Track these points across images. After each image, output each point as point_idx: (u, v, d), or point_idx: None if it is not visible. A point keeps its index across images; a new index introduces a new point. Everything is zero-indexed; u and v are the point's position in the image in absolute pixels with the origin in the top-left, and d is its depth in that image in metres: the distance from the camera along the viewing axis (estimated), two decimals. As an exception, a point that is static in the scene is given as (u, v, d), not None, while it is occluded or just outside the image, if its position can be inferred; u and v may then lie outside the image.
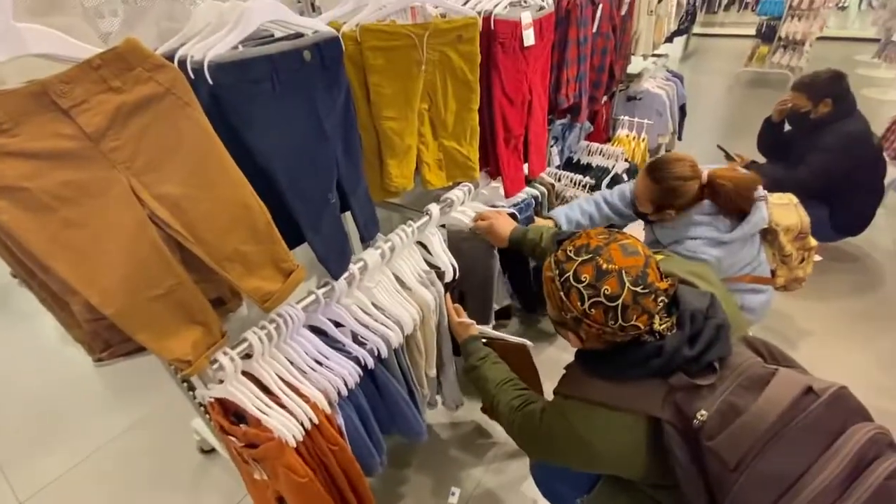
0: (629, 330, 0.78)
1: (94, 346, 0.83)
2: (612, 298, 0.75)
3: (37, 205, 0.61)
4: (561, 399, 0.91)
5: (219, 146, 0.75)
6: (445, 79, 1.22)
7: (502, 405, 1.06)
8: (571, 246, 0.82)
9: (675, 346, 0.77)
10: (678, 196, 1.37)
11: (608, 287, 0.75)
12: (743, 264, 1.46)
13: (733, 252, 1.41)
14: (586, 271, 0.77)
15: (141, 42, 0.63)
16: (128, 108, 0.65)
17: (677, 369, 0.77)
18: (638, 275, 0.75)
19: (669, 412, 0.77)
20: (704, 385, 0.76)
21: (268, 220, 0.86)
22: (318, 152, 0.99)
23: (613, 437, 0.82)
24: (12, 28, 0.55)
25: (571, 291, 0.79)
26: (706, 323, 0.79)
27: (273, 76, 0.86)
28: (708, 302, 0.83)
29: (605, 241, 0.79)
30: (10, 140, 0.58)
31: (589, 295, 0.77)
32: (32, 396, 2.03)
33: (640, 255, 0.77)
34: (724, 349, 0.79)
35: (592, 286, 0.77)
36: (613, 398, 0.81)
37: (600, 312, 0.77)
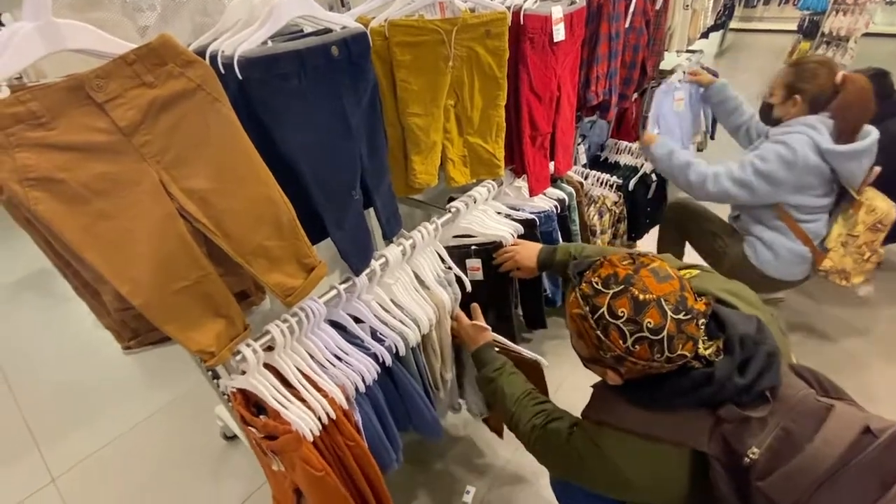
0: (676, 360, 0.72)
1: (122, 334, 0.85)
2: (656, 332, 0.69)
3: (71, 196, 0.63)
4: (593, 425, 0.85)
5: (246, 142, 0.76)
6: (473, 75, 1.21)
7: (522, 423, 1.00)
8: (597, 277, 0.75)
9: (726, 374, 0.72)
10: (809, 79, 1.48)
11: (650, 320, 0.69)
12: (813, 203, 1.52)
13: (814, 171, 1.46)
14: (622, 305, 0.71)
15: (174, 38, 0.64)
16: (160, 103, 0.66)
17: (727, 399, 0.72)
18: (678, 301, 0.70)
19: (717, 447, 0.72)
20: (755, 418, 0.71)
21: (292, 216, 0.87)
22: (343, 148, 0.99)
23: (651, 470, 0.77)
24: (52, 24, 0.57)
25: (610, 329, 0.72)
26: (757, 349, 0.74)
27: (301, 71, 0.86)
28: (755, 325, 0.77)
29: (633, 268, 0.73)
30: (47, 133, 0.60)
31: (630, 331, 0.71)
32: (70, 377, 2.11)
33: (674, 279, 0.72)
34: (776, 378, 0.73)
35: (633, 321, 0.70)
36: (654, 428, 0.76)
37: (645, 348, 0.71)
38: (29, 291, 2.68)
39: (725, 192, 1.57)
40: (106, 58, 0.62)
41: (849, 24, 4.68)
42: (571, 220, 1.74)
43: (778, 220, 1.59)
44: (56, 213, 0.62)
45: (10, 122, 0.57)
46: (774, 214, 1.59)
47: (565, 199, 1.66)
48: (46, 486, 1.68)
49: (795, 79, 1.51)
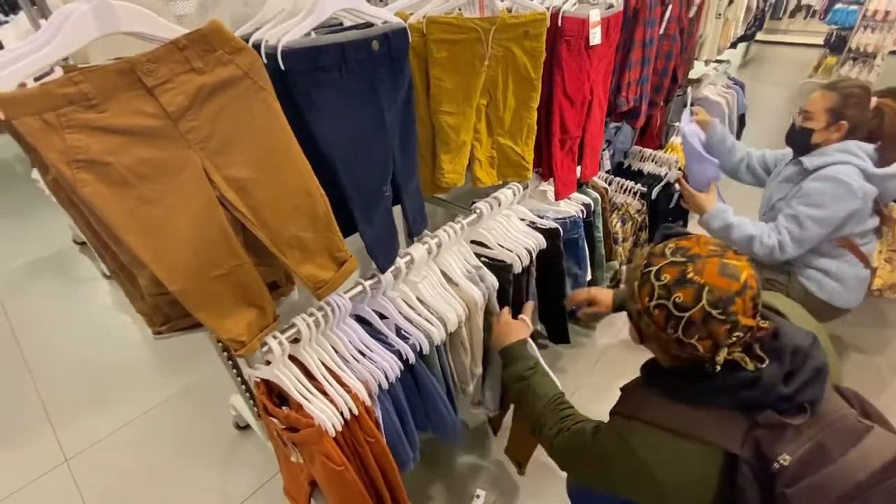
0: (686, 347, 0.73)
1: (154, 319, 0.85)
2: (680, 308, 0.71)
3: (117, 179, 0.63)
4: (621, 420, 0.84)
5: (288, 132, 0.75)
6: (507, 75, 1.19)
7: (548, 427, 0.99)
8: (674, 244, 0.77)
9: (772, 380, 0.71)
10: (854, 104, 1.43)
11: (681, 296, 0.71)
12: (865, 226, 1.49)
13: (870, 198, 1.43)
14: (670, 273, 0.73)
15: (224, 24, 0.64)
16: (207, 89, 0.65)
17: (767, 406, 0.71)
18: (721, 298, 0.69)
19: (748, 450, 0.71)
20: (792, 426, 0.70)
21: (327, 209, 0.86)
22: (378, 143, 0.99)
23: (680, 468, 0.76)
24: (106, 5, 0.57)
25: (645, 285, 0.75)
26: (806, 362, 0.73)
27: (342, 65, 0.86)
28: (811, 341, 0.76)
29: (709, 252, 0.73)
30: (98, 115, 0.60)
31: (659, 295, 0.73)
32: (86, 359, 2.13)
33: (738, 282, 0.70)
34: (818, 393, 0.72)
35: (667, 288, 0.72)
36: (687, 425, 0.75)
37: (662, 316, 0.73)
38: (47, 272, 2.71)
39: (793, 255, 1.51)
40: (157, 42, 0.62)
41: (876, 41, 4.60)
42: (595, 226, 1.72)
43: (840, 247, 1.54)
44: (101, 196, 0.62)
45: (62, 103, 0.57)
46: (836, 243, 1.53)
47: (591, 204, 1.64)
48: (59, 467, 1.69)
49: (842, 104, 1.44)
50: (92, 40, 0.57)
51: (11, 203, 3.40)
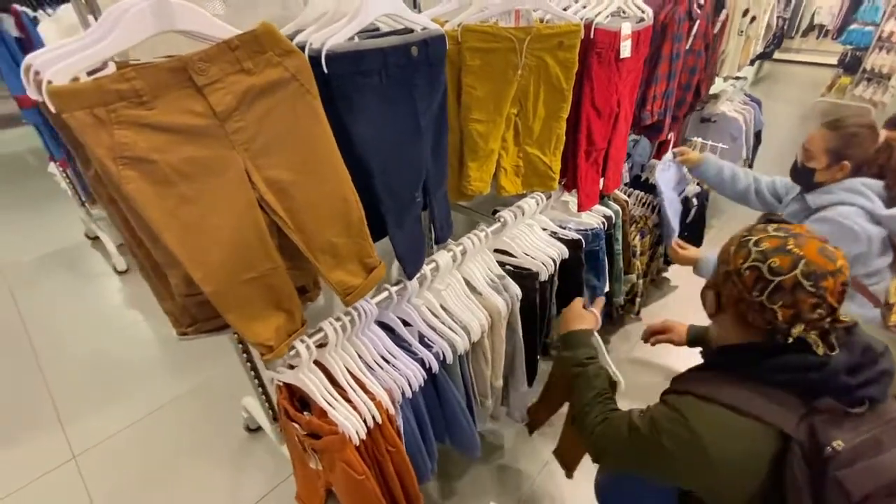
0: (765, 313, 0.74)
1: (181, 320, 0.84)
2: (772, 271, 0.73)
3: (160, 178, 0.62)
4: (675, 396, 0.84)
5: (330, 137, 0.75)
6: (539, 85, 1.19)
7: (592, 415, 0.98)
8: (779, 225, 0.79)
9: (838, 368, 0.72)
10: (857, 144, 1.36)
11: (777, 260, 0.73)
12: (872, 267, 1.41)
13: (876, 240, 1.36)
14: (770, 242, 0.75)
15: (275, 26, 0.63)
16: (256, 90, 0.65)
17: (827, 393, 0.73)
18: (816, 272, 0.70)
19: (803, 433, 0.72)
20: (850, 416, 0.72)
21: (361, 215, 0.85)
22: (412, 149, 0.98)
23: (733, 444, 0.75)
24: (166, 3, 0.56)
25: (742, 249, 0.78)
26: (875, 362, 0.74)
27: (382, 69, 0.86)
28: (883, 347, 0.77)
29: (811, 236, 0.75)
30: (147, 112, 0.59)
31: (754, 258, 0.75)
32: (96, 354, 2.12)
33: (834, 265, 0.71)
34: (881, 392, 0.73)
35: (763, 253, 0.75)
36: (744, 402, 0.76)
37: (752, 277, 0.75)
38: (59, 266, 2.70)
39: None
40: (208, 41, 0.61)
41: (891, 62, 4.61)
42: (616, 238, 1.70)
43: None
44: (143, 193, 0.62)
45: (113, 99, 0.56)
46: None
47: (612, 216, 1.63)
48: (67, 463, 1.67)
49: (842, 145, 1.38)
50: (148, 37, 0.57)
51: (25, 196, 3.42)
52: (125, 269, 2.57)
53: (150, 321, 2.29)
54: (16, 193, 3.48)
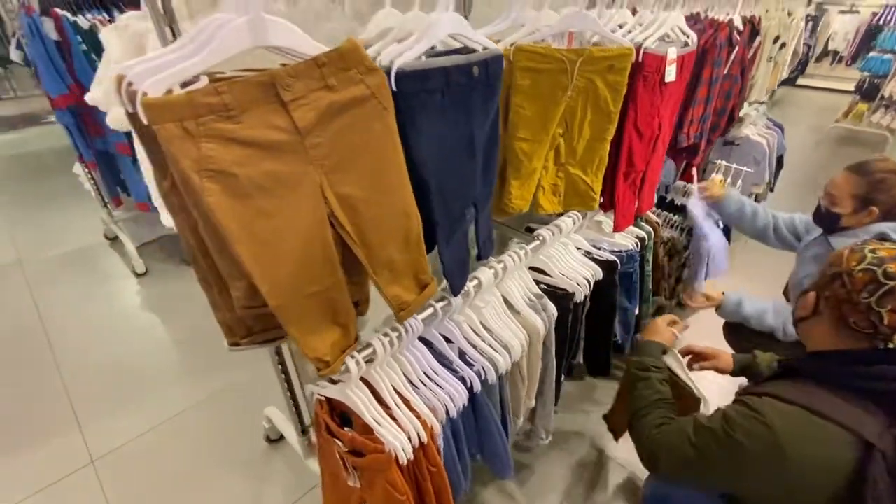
0: (871, 316, 0.76)
1: (236, 330, 0.83)
2: (887, 275, 0.75)
3: (239, 191, 0.62)
4: (753, 398, 0.85)
5: (401, 153, 0.75)
6: (586, 106, 1.19)
7: (651, 416, 0.99)
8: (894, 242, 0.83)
9: None
10: (885, 190, 1.34)
11: (893, 266, 0.76)
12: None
13: None
14: (888, 252, 0.79)
15: (360, 44, 0.63)
16: (336, 107, 0.65)
17: None
18: None
19: (888, 442, 0.72)
20: None
21: (420, 231, 0.85)
22: (466, 166, 0.98)
23: (812, 447, 0.74)
24: (261, 18, 0.56)
25: (857, 253, 0.81)
26: None
27: (445, 88, 0.86)
28: None
29: None
30: (233, 126, 0.59)
31: (869, 262, 0.78)
32: (114, 356, 2.10)
33: None
34: None
35: (880, 259, 0.78)
36: (827, 407, 0.76)
37: (864, 279, 0.78)
38: (78, 265, 2.70)
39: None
40: (296, 57, 0.61)
41: (909, 91, 4.62)
42: (646, 260, 1.70)
43: None
44: (222, 206, 0.61)
45: (203, 112, 0.56)
46: None
47: (645, 237, 1.62)
48: (85, 468, 1.65)
49: (870, 190, 1.35)
50: (242, 51, 0.57)
51: (47, 194, 3.43)
52: (144, 272, 2.56)
53: (169, 325, 2.28)
54: (36, 191, 3.50)
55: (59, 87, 1.91)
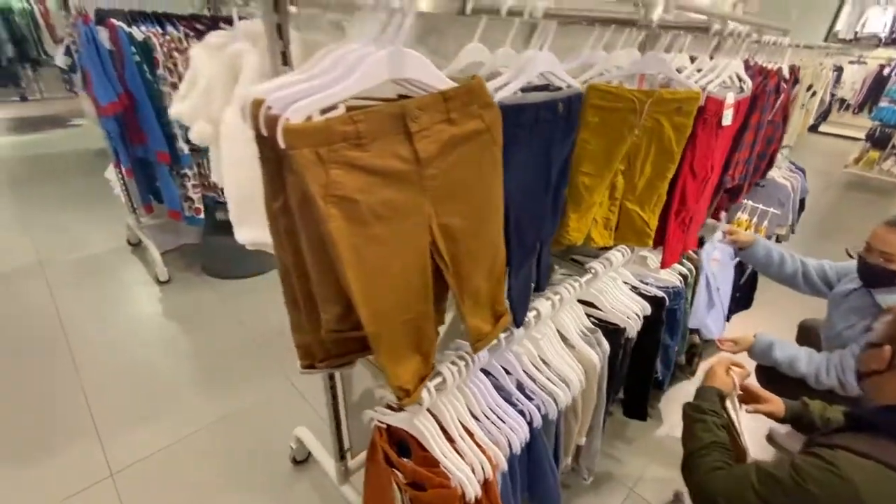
0: None
1: (315, 353, 0.82)
2: None
3: (358, 217, 0.62)
4: (825, 449, 0.83)
5: (501, 187, 0.75)
6: (650, 145, 1.21)
7: (709, 457, 0.98)
8: None
9: None
10: None
11: None
12: None
13: None
14: None
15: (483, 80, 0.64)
16: (455, 140, 0.65)
17: None
18: None
19: None
20: None
21: (504, 261, 0.85)
22: (542, 199, 0.99)
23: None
24: (402, 53, 0.57)
25: None
26: None
27: (533, 123, 0.87)
28: None
29: None
30: (361, 154, 0.59)
31: None
32: (135, 366, 2.07)
33: None
34: None
35: None
36: None
37: None
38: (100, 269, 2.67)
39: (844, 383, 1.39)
40: (425, 90, 0.62)
41: (919, 141, 4.72)
42: (685, 297, 1.69)
43: None
44: (341, 230, 0.61)
45: (337, 139, 0.57)
46: None
47: (688, 274, 1.63)
48: (104, 481, 1.60)
49: None
50: (380, 82, 0.58)
51: (69, 196, 3.43)
52: (167, 280, 2.54)
53: (190, 336, 2.25)
54: (58, 193, 3.50)
55: (109, 96, 1.93)
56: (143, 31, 1.90)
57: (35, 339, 2.15)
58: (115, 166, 2.32)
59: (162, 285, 2.55)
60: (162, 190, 2.25)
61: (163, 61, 1.92)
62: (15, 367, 2.00)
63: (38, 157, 4.16)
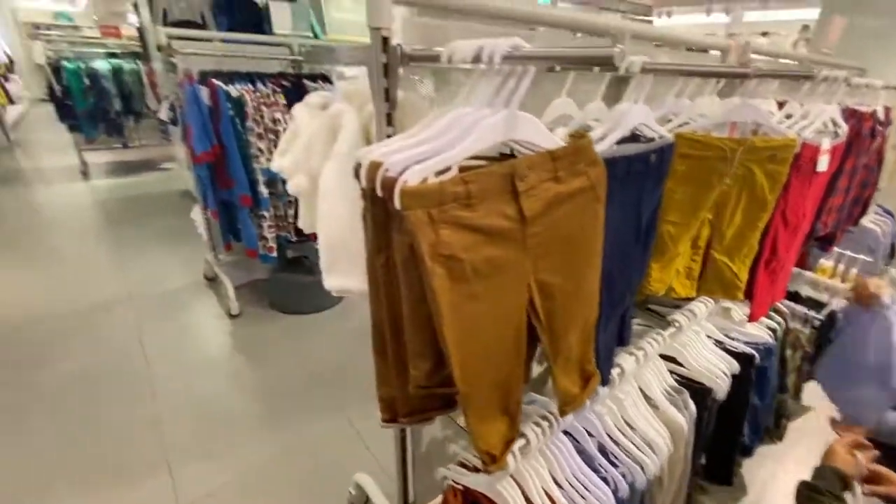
0: None
1: (398, 408, 0.81)
2: None
3: (460, 275, 0.61)
4: None
5: (600, 242, 0.73)
6: (741, 193, 1.15)
7: None
8: None
9: None
10: None
11: None
12: None
13: None
14: None
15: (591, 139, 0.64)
16: (560, 198, 0.65)
17: None
18: None
19: None
20: None
21: (595, 318, 0.81)
22: (632, 251, 0.96)
23: None
24: (516, 116, 0.58)
25: None
26: None
27: (626, 175, 0.85)
28: None
29: None
30: (470, 213, 0.59)
31: None
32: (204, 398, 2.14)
33: None
34: None
35: None
36: None
37: None
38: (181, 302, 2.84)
39: None
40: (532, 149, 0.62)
41: None
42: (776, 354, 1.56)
43: None
44: (444, 288, 0.61)
45: (448, 199, 0.57)
46: None
47: (777, 328, 1.50)
48: (172, 513, 1.64)
49: None
50: (493, 144, 0.58)
51: (165, 232, 3.74)
52: (238, 314, 2.67)
53: (257, 370, 2.31)
54: (151, 230, 3.83)
55: (204, 146, 2.16)
56: (238, 88, 2.11)
57: (120, 369, 2.28)
58: (202, 208, 2.52)
59: (233, 319, 2.66)
60: (242, 230, 2.43)
61: (252, 115, 2.12)
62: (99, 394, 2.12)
63: (132, 198, 4.63)
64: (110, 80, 4.80)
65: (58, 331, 2.51)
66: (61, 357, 2.31)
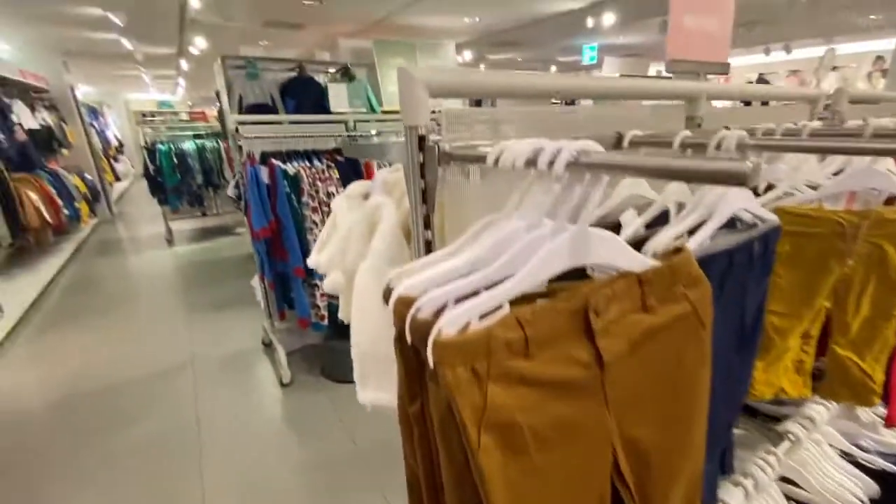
0: None
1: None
2: None
3: (516, 444, 0.46)
4: None
5: (708, 379, 0.55)
6: (868, 276, 0.92)
7: None
8: None
9: None
10: None
11: None
12: None
13: None
14: None
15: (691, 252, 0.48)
16: (651, 332, 0.49)
17: None
18: None
19: None
20: None
21: (702, 466, 0.62)
22: (735, 361, 0.76)
23: None
24: (587, 234, 0.44)
25: None
26: None
27: (726, 272, 0.68)
28: None
29: None
30: (525, 363, 0.45)
31: None
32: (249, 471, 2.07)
33: None
34: None
35: None
36: None
37: None
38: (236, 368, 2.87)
39: None
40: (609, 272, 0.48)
41: None
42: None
43: None
44: (495, 465, 0.46)
45: (497, 348, 0.43)
46: None
47: (924, 436, 1.18)
48: None
49: None
50: (559, 272, 0.44)
51: (232, 296, 3.90)
52: (289, 382, 2.64)
53: (303, 445, 2.23)
54: (220, 294, 4.03)
55: (261, 223, 2.29)
56: (295, 165, 2.20)
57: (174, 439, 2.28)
58: (260, 278, 2.60)
59: (284, 388, 2.62)
60: (295, 300, 2.48)
61: (307, 190, 2.24)
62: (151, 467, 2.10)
63: (208, 262, 5.07)
64: (195, 157, 5.53)
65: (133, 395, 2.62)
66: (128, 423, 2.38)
